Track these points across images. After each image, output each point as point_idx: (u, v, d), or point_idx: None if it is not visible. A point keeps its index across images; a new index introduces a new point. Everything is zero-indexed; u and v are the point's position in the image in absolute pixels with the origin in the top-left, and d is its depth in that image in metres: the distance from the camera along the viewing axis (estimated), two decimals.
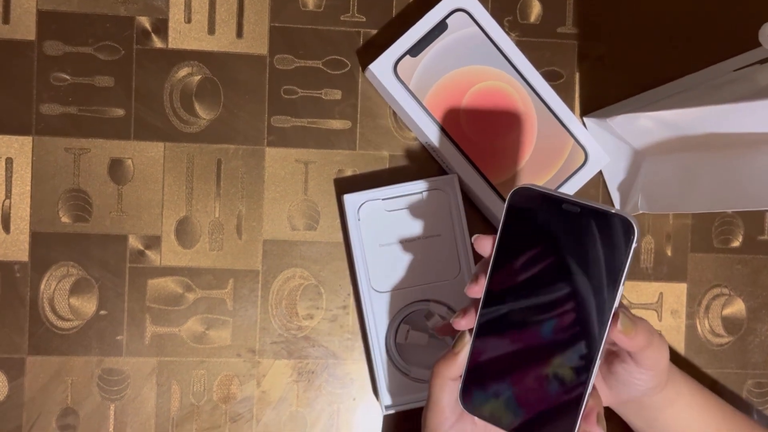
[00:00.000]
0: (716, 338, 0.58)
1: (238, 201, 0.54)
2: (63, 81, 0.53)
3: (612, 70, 0.57)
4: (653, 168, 0.53)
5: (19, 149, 0.53)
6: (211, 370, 0.54)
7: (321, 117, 0.55)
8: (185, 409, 0.54)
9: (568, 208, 0.39)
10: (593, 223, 0.38)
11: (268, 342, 0.54)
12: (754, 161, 0.44)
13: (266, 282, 0.54)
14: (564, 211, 0.39)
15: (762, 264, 0.58)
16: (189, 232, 0.54)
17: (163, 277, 0.54)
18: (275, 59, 0.55)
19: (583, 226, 0.38)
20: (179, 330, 0.54)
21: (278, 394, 0.54)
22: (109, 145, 0.53)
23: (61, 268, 0.53)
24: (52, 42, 0.53)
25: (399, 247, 0.54)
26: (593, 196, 0.57)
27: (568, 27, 0.57)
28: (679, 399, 0.49)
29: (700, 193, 0.48)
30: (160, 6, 0.54)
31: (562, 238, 0.39)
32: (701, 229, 0.58)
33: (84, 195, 0.53)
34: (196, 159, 0.54)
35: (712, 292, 0.58)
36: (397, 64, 0.52)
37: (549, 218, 0.39)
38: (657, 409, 0.48)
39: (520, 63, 0.53)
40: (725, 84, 0.48)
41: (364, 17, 0.55)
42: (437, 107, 0.53)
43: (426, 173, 0.55)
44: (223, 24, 0.54)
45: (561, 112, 0.54)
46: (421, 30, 0.52)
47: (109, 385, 0.53)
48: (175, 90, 0.54)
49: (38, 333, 0.53)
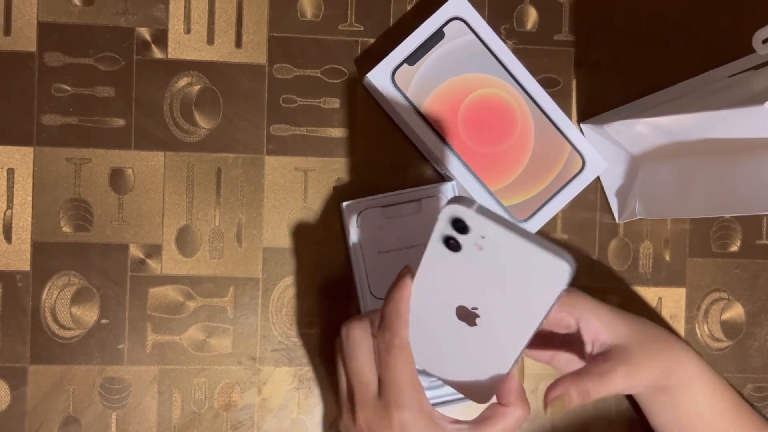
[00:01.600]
0: (715, 343, 0.58)
1: (238, 209, 0.55)
2: (64, 92, 0.53)
3: (608, 76, 0.57)
4: (650, 174, 0.54)
5: (21, 160, 0.53)
6: (212, 378, 0.54)
7: (320, 125, 0.55)
8: (186, 417, 0.54)
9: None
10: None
11: (269, 349, 0.55)
12: (751, 166, 0.44)
13: (266, 289, 0.55)
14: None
15: (760, 268, 0.58)
16: (189, 240, 0.54)
17: (164, 286, 0.54)
18: (274, 68, 0.55)
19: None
20: (180, 338, 0.54)
21: (279, 402, 0.55)
22: (110, 154, 0.54)
23: (63, 277, 0.53)
24: (52, 53, 0.53)
25: (398, 253, 0.54)
26: (591, 202, 0.57)
27: (565, 34, 0.57)
28: (691, 384, 0.49)
29: (698, 199, 0.48)
30: (159, 17, 0.54)
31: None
32: (699, 234, 0.58)
33: (85, 204, 0.54)
34: (196, 168, 0.54)
35: (711, 297, 0.58)
36: (394, 73, 0.53)
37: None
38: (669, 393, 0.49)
39: (517, 70, 0.54)
40: (720, 90, 0.48)
41: (361, 26, 0.56)
42: (435, 115, 0.53)
43: (425, 180, 0.56)
44: (222, 34, 0.55)
45: (558, 119, 0.54)
46: (419, 39, 0.53)
47: (111, 393, 0.54)
48: (175, 100, 0.54)
49: (40, 342, 0.53)
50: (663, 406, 0.50)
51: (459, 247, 0.38)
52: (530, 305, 0.38)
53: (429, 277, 0.40)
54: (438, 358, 0.43)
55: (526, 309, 0.38)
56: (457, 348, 0.42)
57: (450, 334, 0.41)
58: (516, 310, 0.38)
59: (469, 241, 0.37)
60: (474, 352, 0.41)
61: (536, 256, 0.36)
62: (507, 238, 0.36)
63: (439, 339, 0.42)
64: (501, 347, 0.40)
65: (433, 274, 0.40)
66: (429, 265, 0.40)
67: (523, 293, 0.37)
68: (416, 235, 0.54)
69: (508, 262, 0.37)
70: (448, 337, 0.41)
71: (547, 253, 0.35)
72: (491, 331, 0.40)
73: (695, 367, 0.49)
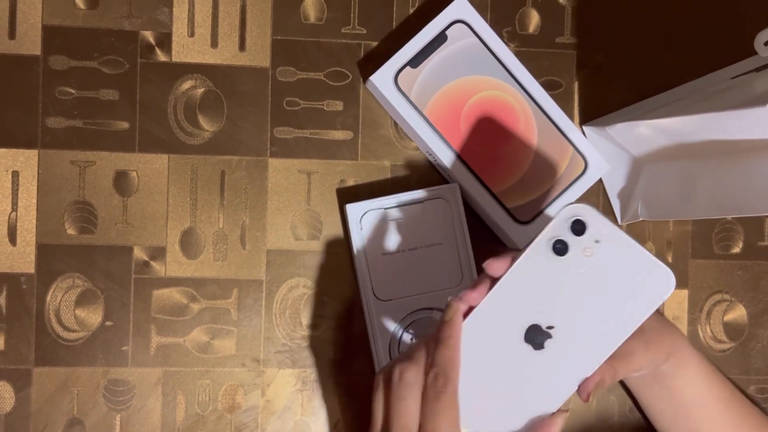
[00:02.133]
0: (718, 344, 0.58)
1: (242, 211, 0.55)
2: (68, 95, 0.54)
3: (610, 78, 0.58)
4: (653, 175, 0.54)
5: (25, 162, 0.53)
6: (216, 380, 0.54)
7: (323, 128, 0.55)
8: (190, 419, 0.54)
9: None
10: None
11: (273, 351, 0.55)
12: (753, 168, 0.44)
13: (270, 291, 0.55)
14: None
15: (762, 270, 0.58)
16: (193, 242, 0.54)
17: (168, 288, 0.54)
18: (277, 71, 0.55)
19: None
20: (184, 340, 0.54)
21: (283, 403, 0.55)
22: (114, 157, 0.54)
23: (67, 279, 0.54)
24: (57, 56, 0.54)
25: (401, 255, 0.54)
26: (594, 204, 0.57)
27: (567, 37, 0.57)
28: (687, 368, 0.49)
29: (700, 200, 0.48)
30: (163, 20, 0.55)
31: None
32: (702, 236, 0.58)
33: (89, 207, 0.54)
34: (200, 170, 0.55)
35: (714, 298, 0.58)
36: (397, 75, 0.53)
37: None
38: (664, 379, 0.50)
39: (519, 73, 0.54)
40: (723, 91, 0.48)
41: (364, 29, 0.56)
42: (438, 117, 0.53)
43: (427, 182, 0.56)
44: (225, 37, 0.55)
45: (560, 121, 0.54)
46: (421, 41, 0.53)
47: (115, 395, 0.54)
48: (179, 103, 0.55)
49: (44, 344, 0.53)
50: (660, 392, 0.50)
51: (566, 251, 0.38)
52: (624, 316, 0.38)
53: (511, 290, 0.39)
54: (481, 405, 0.41)
55: (618, 320, 0.38)
56: (508, 387, 0.40)
57: (505, 365, 0.40)
58: (604, 323, 0.38)
59: (580, 246, 0.38)
60: (528, 387, 0.40)
61: (647, 263, 0.37)
62: (623, 243, 0.37)
63: (489, 376, 0.40)
64: (562, 378, 0.39)
65: (517, 285, 0.39)
66: (518, 274, 0.39)
67: (619, 303, 0.38)
68: (419, 237, 0.54)
69: (614, 270, 0.38)
70: (502, 370, 0.40)
71: (657, 261, 0.37)
72: (559, 355, 0.39)
73: (691, 352, 0.50)
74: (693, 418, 0.51)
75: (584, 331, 0.39)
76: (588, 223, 0.38)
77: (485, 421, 0.40)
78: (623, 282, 0.38)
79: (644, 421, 0.57)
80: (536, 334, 0.39)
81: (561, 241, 0.38)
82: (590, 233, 0.38)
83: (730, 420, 0.51)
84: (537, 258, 0.39)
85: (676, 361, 0.49)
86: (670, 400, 0.51)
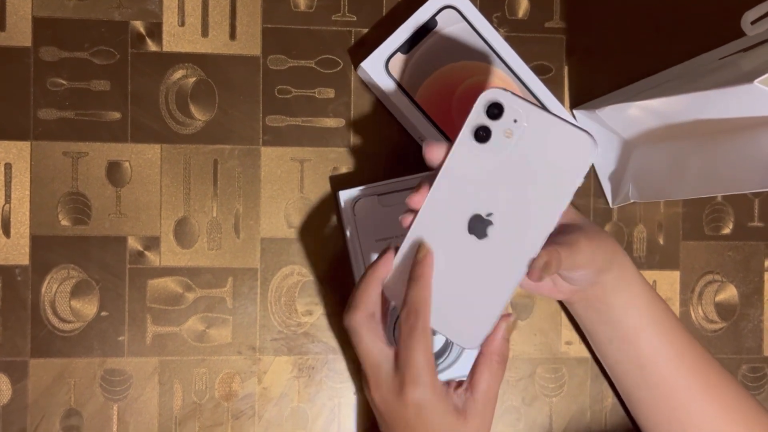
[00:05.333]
0: (710, 324, 0.59)
1: (235, 200, 0.55)
2: (60, 86, 0.54)
3: (600, 62, 0.58)
4: (643, 157, 0.54)
5: (18, 154, 0.53)
6: (213, 368, 0.55)
7: (315, 115, 0.56)
8: (188, 408, 0.54)
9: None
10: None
11: (268, 339, 0.55)
12: (741, 145, 0.45)
13: (265, 279, 0.55)
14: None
15: (753, 250, 0.59)
16: (187, 232, 0.55)
17: (163, 278, 0.54)
18: (269, 60, 0.55)
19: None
20: (180, 329, 0.54)
21: (279, 390, 0.55)
22: (107, 148, 0.54)
23: (62, 270, 0.54)
24: (48, 48, 0.54)
25: (395, 241, 0.54)
26: (584, 187, 0.58)
27: (556, 21, 0.58)
28: (630, 282, 0.49)
29: (689, 180, 0.49)
30: (153, 10, 0.55)
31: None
32: (692, 217, 0.59)
33: (83, 198, 0.54)
34: (193, 160, 0.55)
35: (705, 279, 0.59)
36: (388, 62, 0.53)
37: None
38: (606, 295, 0.49)
39: (509, 58, 0.54)
40: (710, 72, 0.49)
41: (354, 16, 0.56)
42: (429, 103, 0.53)
43: (420, 168, 0.56)
44: (216, 26, 0.55)
45: (551, 105, 0.55)
46: (411, 27, 0.53)
47: (112, 385, 0.54)
48: (170, 92, 0.55)
49: (40, 335, 0.53)
50: (607, 315, 0.50)
51: (488, 137, 0.39)
52: (557, 188, 0.39)
53: (447, 185, 0.40)
54: (441, 305, 0.42)
55: (552, 193, 0.39)
56: (458, 279, 0.41)
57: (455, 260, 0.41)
58: (538, 200, 0.39)
59: (500, 128, 0.39)
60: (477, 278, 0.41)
61: (566, 131, 0.38)
62: (540, 117, 0.38)
63: (444, 274, 0.41)
64: (510, 262, 0.40)
65: (452, 180, 0.40)
66: (451, 168, 0.40)
67: (549, 177, 0.39)
68: None
69: (537, 145, 0.39)
70: (454, 266, 0.41)
71: (572, 127, 0.38)
72: (503, 240, 0.40)
73: (633, 269, 0.50)
74: (638, 343, 0.50)
75: (521, 212, 0.39)
76: (504, 105, 0.39)
77: (447, 320, 0.41)
78: (548, 155, 0.39)
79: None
80: (478, 223, 0.40)
81: (482, 128, 0.39)
82: (507, 114, 0.39)
83: (672, 350, 0.50)
84: (464, 149, 0.40)
85: (618, 273, 0.48)
86: (616, 322, 0.50)
